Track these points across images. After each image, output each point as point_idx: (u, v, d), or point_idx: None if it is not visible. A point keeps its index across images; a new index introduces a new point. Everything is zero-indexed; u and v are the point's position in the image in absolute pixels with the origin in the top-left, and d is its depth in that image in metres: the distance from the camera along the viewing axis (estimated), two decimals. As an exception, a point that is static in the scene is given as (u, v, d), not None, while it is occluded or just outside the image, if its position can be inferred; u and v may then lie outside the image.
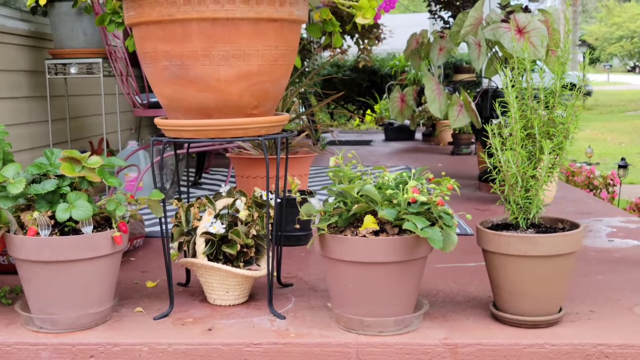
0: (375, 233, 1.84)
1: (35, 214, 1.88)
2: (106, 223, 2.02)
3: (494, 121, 3.72)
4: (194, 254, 2.11)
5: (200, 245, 2.07)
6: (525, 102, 1.94)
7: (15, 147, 3.61)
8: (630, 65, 43.60)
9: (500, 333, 1.86)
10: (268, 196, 2.06)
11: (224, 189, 2.21)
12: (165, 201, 2.04)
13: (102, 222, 2.01)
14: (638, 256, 2.64)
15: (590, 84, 22.22)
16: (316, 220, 1.93)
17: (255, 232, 2.12)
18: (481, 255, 1.97)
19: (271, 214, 2.12)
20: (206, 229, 2.07)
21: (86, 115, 4.67)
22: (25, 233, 1.90)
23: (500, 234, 1.87)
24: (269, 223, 2.07)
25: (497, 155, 1.93)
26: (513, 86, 1.93)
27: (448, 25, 6.54)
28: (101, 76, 3.90)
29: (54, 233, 1.91)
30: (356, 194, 1.86)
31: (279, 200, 2.20)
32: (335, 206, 1.92)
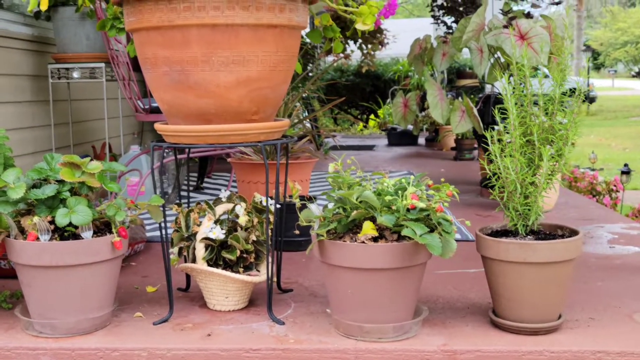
0: (374, 239, 1.84)
1: (35, 219, 1.89)
2: (106, 228, 2.02)
3: (496, 127, 3.72)
4: (194, 260, 2.12)
5: (200, 250, 2.07)
6: (524, 109, 1.94)
7: (18, 152, 3.63)
8: (635, 70, 43.55)
9: (499, 340, 1.86)
10: (268, 202, 2.06)
11: (224, 195, 2.21)
12: (165, 206, 2.04)
13: (102, 227, 2.02)
14: (639, 263, 2.63)
15: (594, 90, 22.18)
16: (315, 226, 1.93)
17: (255, 238, 2.12)
18: (481, 260, 1.96)
19: (271, 220, 2.12)
20: (206, 235, 2.07)
21: (89, 119, 4.68)
22: (25, 238, 1.91)
23: (499, 241, 1.87)
24: (269, 229, 2.08)
25: (497, 161, 1.93)
26: (513, 93, 1.93)
27: (451, 30, 6.54)
28: (104, 81, 3.91)
29: (54, 238, 1.91)
30: (355, 200, 1.86)
31: (279, 205, 2.20)
32: (334, 212, 1.92)
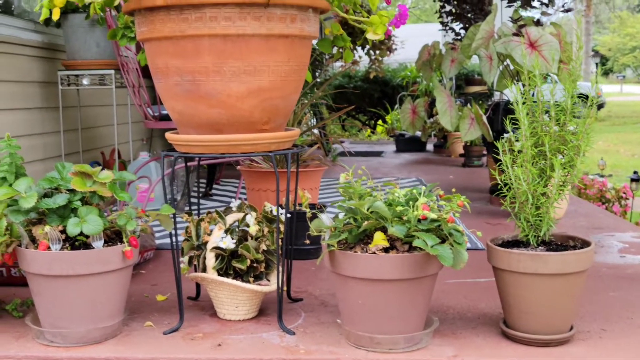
0: (385, 250, 1.84)
1: (46, 228, 1.89)
2: (117, 237, 2.02)
3: (506, 135, 3.72)
4: (204, 269, 2.12)
5: (210, 260, 2.07)
6: (536, 119, 1.93)
7: (28, 158, 3.64)
8: (643, 75, 43.41)
9: (510, 351, 1.85)
10: (278, 211, 2.06)
11: (235, 204, 2.21)
12: (175, 215, 2.04)
13: (113, 236, 2.02)
14: (650, 273, 2.62)
15: (603, 95, 22.11)
16: (326, 236, 1.93)
17: (265, 247, 2.12)
18: (492, 270, 1.96)
19: (281, 229, 2.12)
20: (216, 244, 2.07)
21: (98, 125, 4.69)
22: (36, 247, 1.91)
23: (510, 252, 1.86)
24: (279, 238, 2.07)
25: (508, 172, 1.92)
26: (524, 103, 1.92)
27: (459, 37, 6.53)
28: (113, 87, 3.92)
29: (65, 247, 1.91)
30: (366, 211, 1.86)
31: (289, 215, 2.20)
32: (345, 222, 1.92)
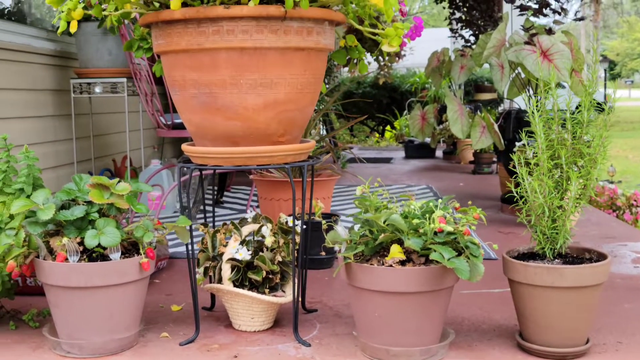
0: (401, 262, 1.84)
1: (64, 240, 1.90)
2: (133, 248, 2.03)
3: (518, 144, 3.72)
4: (220, 280, 2.12)
5: (226, 271, 2.08)
6: (552, 131, 1.94)
7: (40, 166, 3.65)
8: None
9: (526, 364, 1.85)
10: (294, 223, 2.07)
11: (250, 215, 2.22)
12: (191, 227, 2.05)
13: (129, 248, 2.03)
14: (664, 283, 2.62)
15: (611, 101, 22.00)
16: (342, 248, 1.94)
17: (280, 259, 2.12)
18: (506, 281, 1.96)
19: (297, 241, 2.12)
20: (232, 255, 2.08)
21: (109, 133, 4.71)
22: (54, 258, 1.92)
23: (527, 265, 1.86)
24: (295, 250, 2.08)
25: (524, 184, 1.92)
26: (540, 115, 1.92)
27: (469, 43, 6.54)
28: (125, 95, 3.93)
29: (82, 259, 1.93)
30: (383, 223, 1.86)
31: (305, 226, 2.21)
32: (361, 234, 1.92)
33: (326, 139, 3.83)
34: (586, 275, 1.83)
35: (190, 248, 2.06)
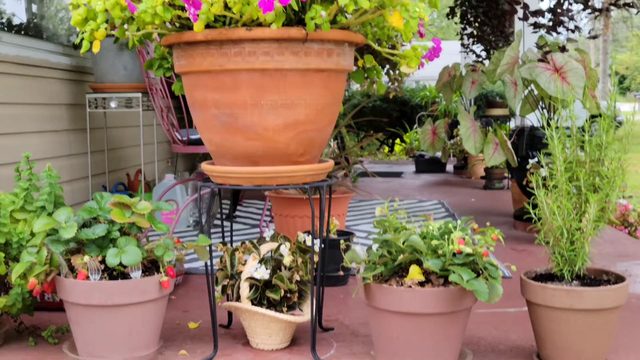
0: (420, 284, 1.85)
1: (85, 258, 1.92)
2: (152, 266, 2.05)
3: (531, 161, 3.73)
4: (238, 298, 2.14)
5: (244, 290, 2.09)
6: (571, 154, 1.94)
7: (56, 180, 3.68)
8: (661, 94, 43.17)
9: (545, 386, 1.85)
10: (313, 243, 2.08)
11: (268, 234, 2.23)
12: (211, 246, 2.06)
13: (149, 266, 2.05)
14: (680, 304, 2.61)
15: (621, 114, 21.99)
16: (361, 269, 1.95)
17: (298, 278, 2.13)
18: (521, 299, 1.97)
19: (315, 260, 2.14)
20: (251, 274, 2.09)
21: (123, 146, 4.74)
22: (75, 276, 1.94)
23: (545, 286, 1.87)
24: (314, 269, 2.09)
25: (543, 206, 1.93)
26: (559, 137, 1.94)
27: (480, 58, 6.55)
28: (140, 110, 3.96)
29: (103, 277, 1.94)
30: (401, 244, 1.88)
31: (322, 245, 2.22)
32: (380, 255, 1.93)
33: (337, 154, 3.85)
34: (606, 297, 1.83)
35: (209, 267, 2.08)
